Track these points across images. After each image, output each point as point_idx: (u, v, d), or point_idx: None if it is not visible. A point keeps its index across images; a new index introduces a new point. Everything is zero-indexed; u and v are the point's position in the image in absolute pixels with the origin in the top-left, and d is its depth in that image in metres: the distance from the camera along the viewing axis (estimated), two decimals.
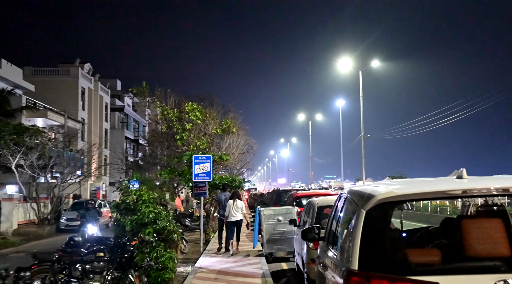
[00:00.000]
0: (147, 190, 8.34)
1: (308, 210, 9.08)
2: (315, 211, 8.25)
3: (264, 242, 12.16)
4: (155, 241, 7.56)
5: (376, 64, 34.60)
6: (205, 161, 14.96)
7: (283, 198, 19.34)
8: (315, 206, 8.34)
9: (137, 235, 7.40)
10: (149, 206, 7.46)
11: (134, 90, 19.78)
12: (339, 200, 4.76)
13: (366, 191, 3.41)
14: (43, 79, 43.62)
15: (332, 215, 5.06)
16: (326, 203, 8.51)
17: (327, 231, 5.22)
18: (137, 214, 7.37)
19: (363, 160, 34.56)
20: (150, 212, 7.38)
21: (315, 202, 8.50)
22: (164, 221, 7.52)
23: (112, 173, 51.22)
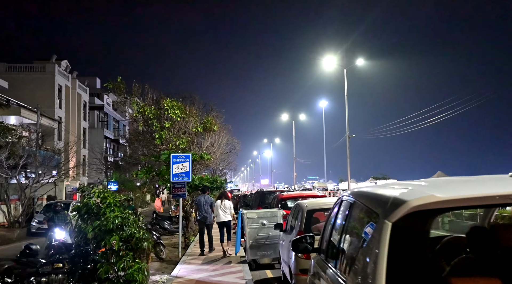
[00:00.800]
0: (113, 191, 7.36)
1: (295, 214, 8.19)
2: (304, 215, 7.36)
3: (247, 248, 11.24)
4: (123, 250, 6.59)
5: (361, 63, 34.04)
6: (184, 160, 14.00)
7: (267, 199, 18.43)
8: (304, 210, 7.46)
9: (101, 244, 6.41)
10: (115, 210, 6.48)
11: (109, 85, 18.60)
12: (340, 204, 3.86)
13: (388, 195, 2.46)
14: (17, 76, 41.99)
15: (331, 222, 4.17)
16: (317, 206, 7.64)
17: (324, 242, 4.33)
18: (101, 219, 6.38)
19: (348, 160, 33.89)
20: (115, 217, 6.40)
21: (303, 205, 7.61)
22: (132, 227, 6.54)
23: (91, 173, 49.74)
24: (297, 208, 8.24)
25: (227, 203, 13.16)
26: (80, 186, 6.81)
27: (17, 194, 23.78)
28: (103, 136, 55.77)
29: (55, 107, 43.07)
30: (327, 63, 35.18)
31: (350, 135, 33.65)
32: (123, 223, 6.47)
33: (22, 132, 24.19)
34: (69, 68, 49.82)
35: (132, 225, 6.62)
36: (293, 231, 7.69)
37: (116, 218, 6.40)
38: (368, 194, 2.89)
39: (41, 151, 26.11)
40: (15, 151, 21.57)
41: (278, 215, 11.22)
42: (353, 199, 3.24)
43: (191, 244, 16.15)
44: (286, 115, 61.36)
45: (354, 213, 3.13)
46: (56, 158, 26.60)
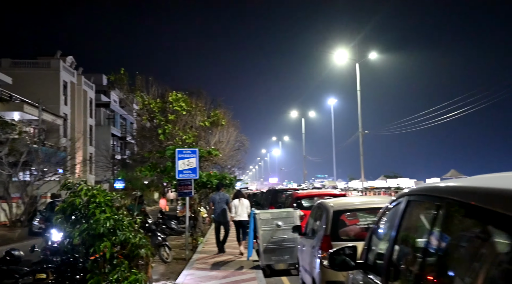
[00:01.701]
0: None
1: (318, 215, 7.08)
2: (330, 216, 6.24)
3: (260, 252, 10.13)
4: (116, 258, 5.52)
5: (374, 56, 32.75)
6: (191, 155, 12.91)
7: (279, 198, 17.31)
8: (329, 211, 6.34)
9: (90, 250, 5.35)
10: (106, 210, 5.41)
11: (112, 77, 17.60)
12: (406, 204, 2.71)
13: None
14: (22, 72, 41.26)
15: (385, 231, 3.06)
16: (344, 206, 6.52)
17: (373, 256, 3.22)
18: (90, 222, 5.32)
19: (361, 157, 32.67)
20: (106, 219, 5.33)
21: (328, 205, 6.49)
22: (127, 231, 5.47)
23: (98, 171, 48.95)
24: (319, 208, 7.13)
25: (244, 201, 12.77)
26: (65, 182, 5.74)
27: (19, 192, 22.89)
28: (109, 134, 55.00)
29: (60, 103, 42.30)
30: (338, 57, 33.98)
31: (363, 131, 32.42)
32: (116, 226, 5.40)
33: (23, 128, 23.23)
34: (75, 64, 49.04)
35: (127, 229, 5.55)
36: (316, 235, 6.58)
37: (107, 220, 5.34)
38: (485, 190, 1.77)
39: (43, 148, 25.18)
40: (15, 147, 20.64)
41: (295, 215, 10.10)
42: (441, 197, 2.10)
43: (199, 245, 15.10)
44: (296, 112, 60.23)
45: (446, 216, 2.01)
46: (59, 154, 25.66)
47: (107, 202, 5.55)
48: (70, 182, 5.61)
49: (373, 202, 6.66)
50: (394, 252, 2.65)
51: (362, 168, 33.27)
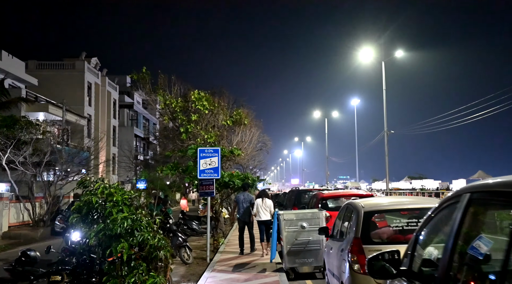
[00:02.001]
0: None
1: (347, 216, 6.66)
2: (360, 218, 5.82)
3: (284, 254, 9.74)
4: (134, 260, 5.23)
5: (400, 54, 31.91)
6: (213, 154, 12.62)
7: (303, 199, 16.86)
8: (360, 212, 5.91)
9: (106, 252, 5.07)
10: (123, 209, 5.12)
11: (134, 76, 17.48)
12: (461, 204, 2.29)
13: None
14: (47, 73, 41.87)
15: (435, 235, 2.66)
16: (376, 207, 6.08)
17: (418, 262, 2.82)
18: (106, 222, 5.04)
19: (386, 158, 31.87)
20: (124, 219, 5.04)
21: (359, 206, 6.07)
22: (146, 232, 5.17)
23: (121, 172, 49.32)
24: (348, 209, 6.70)
25: (267, 201, 12.61)
26: (82, 179, 5.48)
27: (42, 192, 23.02)
28: (133, 135, 55.34)
29: (85, 104, 42.73)
30: (363, 56, 33.27)
31: (388, 131, 31.65)
32: (133, 226, 5.11)
33: (46, 128, 23.36)
34: (99, 65, 49.56)
35: (146, 229, 5.25)
36: (345, 237, 6.16)
37: (124, 220, 5.05)
38: None
39: (67, 148, 25.33)
40: (37, 147, 20.73)
41: (320, 216, 9.67)
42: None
43: (220, 246, 14.80)
44: (319, 112, 59.53)
45: None
46: (82, 154, 25.77)
47: (125, 201, 5.27)
48: (87, 179, 5.35)
49: (406, 202, 6.21)
50: (453, 261, 2.22)
51: (387, 168, 32.47)
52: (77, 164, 24.30)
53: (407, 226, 5.65)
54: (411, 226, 5.64)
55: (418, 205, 5.90)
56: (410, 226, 5.64)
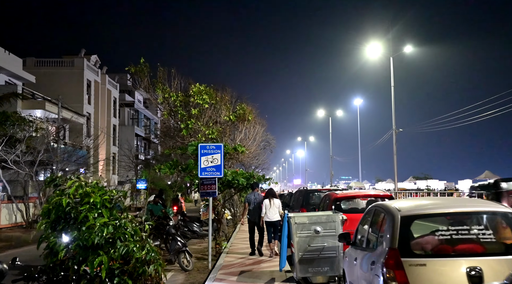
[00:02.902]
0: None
1: (375, 221, 5.58)
2: (397, 224, 4.72)
3: (295, 262, 8.64)
4: (118, 276, 4.16)
5: (409, 50, 30.77)
6: (215, 151, 11.55)
7: (311, 199, 15.74)
8: (396, 216, 4.82)
9: (81, 266, 3.99)
10: (103, 213, 4.06)
11: (132, 69, 16.40)
12: None
13: None
14: (46, 71, 40.93)
15: None
16: (416, 210, 4.94)
17: None
18: (81, 230, 3.97)
19: (394, 156, 30.75)
20: (103, 226, 3.98)
21: (393, 209, 4.97)
22: (132, 242, 4.10)
23: (121, 171, 48.34)
24: (377, 212, 5.62)
25: (276, 201, 12.23)
26: (51, 176, 4.41)
27: (37, 191, 22.00)
28: (133, 134, 54.34)
29: (84, 103, 41.78)
30: (371, 52, 32.13)
31: (397, 129, 30.52)
32: (115, 235, 4.05)
33: (40, 125, 22.33)
34: (99, 63, 48.57)
35: (132, 238, 4.18)
36: (377, 247, 5.06)
37: (104, 227, 3.99)
38: None
39: (62, 146, 24.29)
40: (29, 144, 19.70)
41: (336, 220, 8.57)
42: None
43: (223, 251, 13.72)
44: (323, 111, 58.27)
45: None
46: (78, 152, 24.72)
47: (105, 203, 4.19)
48: (58, 176, 4.27)
49: (453, 204, 5.14)
50: None
51: (395, 167, 31.35)
52: (73, 162, 23.26)
53: (457, 234, 4.56)
54: (461, 234, 4.56)
55: (469, 209, 4.83)
56: (461, 235, 4.55)
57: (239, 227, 21.35)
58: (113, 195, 4.31)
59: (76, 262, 4.07)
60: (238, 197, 24.94)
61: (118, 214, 4.26)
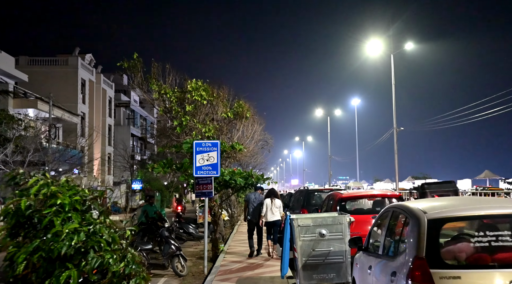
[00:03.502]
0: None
1: (393, 225, 4.87)
2: (424, 229, 4.01)
3: (298, 268, 7.92)
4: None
5: (410, 47, 30.10)
6: (211, 149, 10.85)
7: (312, 200, 15.03)
8: (421, 219, 4.10)
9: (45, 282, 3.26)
10: (73, 218, 3.34)
11: (124, 64, 15.62)
12: None
13: None
14: (39, 69, 40.09)
15: None
16: (446, 212, 4.18)
17: None
18: (46, 237, 3.25)
19: (395, 156, 30.08)
20: (73, 233, 3.26)
21: (417, 211, 4.26)
22: (108, 253, 3.38)
23: (117, 172, 47.54)
24: (395, 214, 4.91)
25: (277, 201, 12.12)
26: (11, 173, 3.67)
27: None
28: (129, 134, 53.55)
29: (78, 102, 40.97)
30: (371, 49, 31.46)
31: (398, 128, 29.85)
32: (88, 244, 3.33)
33: (30, 123, 21.54)
34: (94, 62, 47.76)
35: (108, 247, 3.47)
36: (399, 255, 4.34)
37: (74, 234, 3.27)
38: None
39: (54, 145, 23.50)
40: (20, 144, 18.92)
41: (343, 222, 7.85)
42: None
43: (220, 254, 13.01)
44: (321, 110, 57.61)
45: None
46: (69, 152, 23.94)
47: (76, 205, 3.46)
48: (19, 173, 3.55)
49: (490, 205, 4.43)
50: None
51: (396, 166, 30.65)
52: (65, 162, 22.48)
53: (496, 240, 3.85)
54: (502, 241, 3.84)
55: (510, 210, 4.13)
56: (501, 241, 3.84)
57: (236, 228, 20.64)
58: (86, 195, 3.59)
59: (39, 277, 3.35)
60: (235, 197, 24.22)
61: (93, 218, 3.54)
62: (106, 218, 3.77)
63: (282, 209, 12.32)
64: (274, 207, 12.03)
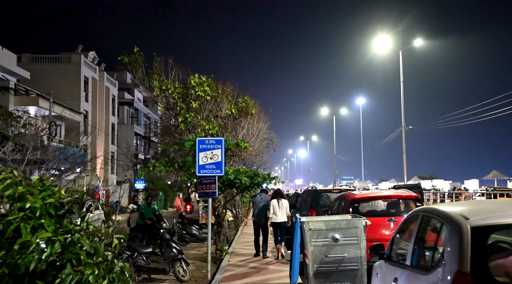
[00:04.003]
0: None
1: (424, 232, 4.23)
2: (467, 238, 3.37)
3: (309, 276, 7.29)
4: None
5: (419, 43, 29.36)
6: (215, 146, 10.23)
7: (320, 200, 14.38)
8: (463, 227, 3.46)
9: None
10: (45, 225, 2.74)
11: (125, 59, 15.06)
12: None
13: None
14: (42, 67, 39.67)
15: None
16: (493, 219, 3.55)
17: None
18: (13, 249, 2.64)
19: (404, 155, 29.38)
20: (46, 243, 2.66)
21: (458, 218, 3.61)
22: (88, 267, 2.77)
23: (120, 171, 47.05)
24: (425, 218, 4.26)
25: (283, 202, 11.92)
26: None
27: None
28: (133, 133, 53.02)
29: (81, 100, 40.47)
30: (379, 45, 30.75)
31: (406, 126, 29.13)
32: (63, 257, 2.72)
33: (29, 120, 20.97)
34: (97, 60, 47.29)
35: (90, 260, 2.85)
36: (435, 268, 3.70)
37: (47, 245, 2.66)
38: None
39: (53, 143, 22.95)
40: (18, 142, 18.33)
41: (359, 225, 7.21)
42: None
43: (224, 257, 12.40)
44: (326, 109, 56.90)
45: None
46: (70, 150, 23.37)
47: (49, 209, 2.85)
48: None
49: None
50: None
51: (404, 166, 29.94)
52: (64, 161, 21.90)
53: None
54: None
55: None
56: None
57: (241, 230, 20.04)
58: (63, 197, 2.98)
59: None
60: (240, 198, 23.63)
61: (72, 226, 2.92)
62: (89, 224, 3.15)
63: (288, 210, 12.16)
64: (281, 208, 11.85)
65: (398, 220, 8.64)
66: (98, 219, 20.48)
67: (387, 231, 8.59)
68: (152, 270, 10.09)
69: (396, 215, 8.99)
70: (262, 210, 12.27)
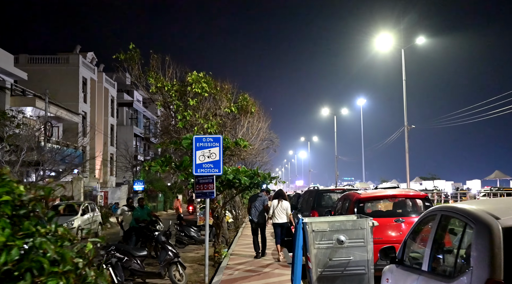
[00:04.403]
0: None
1: (443, 233, 3.76)
2: (498, 241, 2.91)
3: (313, 281, 6.81)
4: None
5: (421, 41, 28.91)
6: (213, 144, 9.78)
7: (323, 201, 13.91)
8: (493, 228, 2.99)
9: None
10: (2, 226, 2.29)
11: (121, 56, 14.59)
12: None
13: None
14: (39, 68, 39.24)
15: None
16: None
17: None
18: None
19: (406, 155, 28.91)
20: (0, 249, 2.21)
21: (486, 216, 3.15)
22: (54, 277, 2.32)
23: (119, 172, 46.61)
24: (445, 218, 3.80)
25: (284, 203, 11.84)
26: None
27: None
28: (132, 134, 52.58)
29: (79, 101, 40.03)
30: (381, 43, 30.25)
31: (409, 126, 28.67)
32: (23, 264, 2.28)
33: (23, 120, 20.54)
34: (95, 60, 46.90)
35: (58, 268, 2.40)
36: (460, 275, 3.23)
37: (0, 252, 2.21)
38: None
39: (49, 144, 22.50)
40: (11, 142, 17.90)
41: (365, 227, 6.74)
42: None
43: (223, 260, 11.94)
44: (327, 110, 56.42)
45: None
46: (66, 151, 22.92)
47: (5, 208, 2.39)
48: None
49: None
50: None
51: (407, 166, 29.46)
52: (61, 162, 21.47)
53: None
54: None
55: None
56: None
57: (241, 231, 19.59)
58: (23, 195, 2.53)
59: None
60: (240, 198, 23.16)
61: (34, 228, 2.46)
62: (58, 226, 2.68)
63: (289, 211, 12.05)
64: (281, 209, 11.78)
65: (406, 220, 8.20)
66: (95, 221, 20.04)
67: (395, 232, 8.12)
68: (147, 274, 9.63)
69: (404, 215, 8.53)
70: (259, 210, 12.29)
